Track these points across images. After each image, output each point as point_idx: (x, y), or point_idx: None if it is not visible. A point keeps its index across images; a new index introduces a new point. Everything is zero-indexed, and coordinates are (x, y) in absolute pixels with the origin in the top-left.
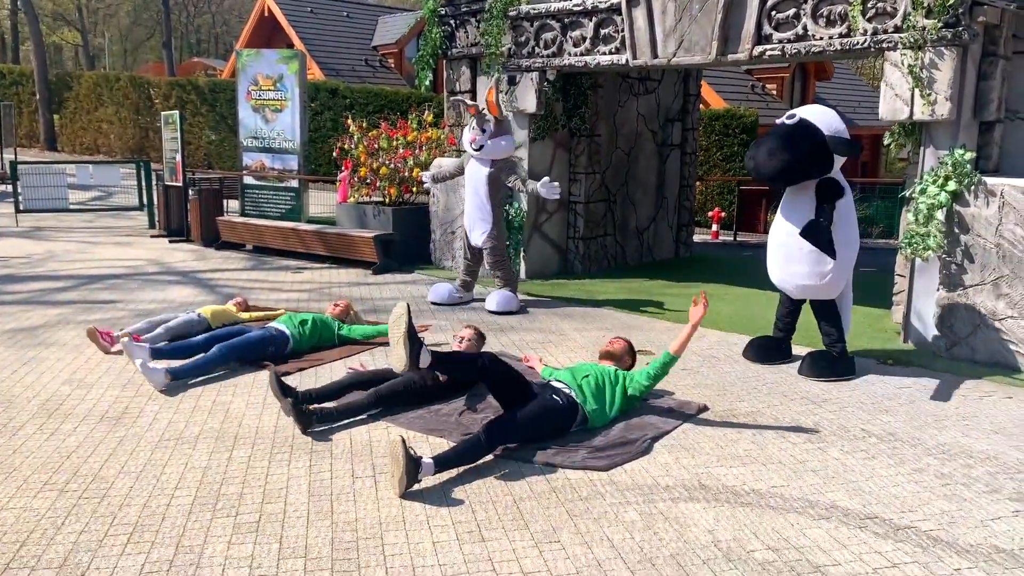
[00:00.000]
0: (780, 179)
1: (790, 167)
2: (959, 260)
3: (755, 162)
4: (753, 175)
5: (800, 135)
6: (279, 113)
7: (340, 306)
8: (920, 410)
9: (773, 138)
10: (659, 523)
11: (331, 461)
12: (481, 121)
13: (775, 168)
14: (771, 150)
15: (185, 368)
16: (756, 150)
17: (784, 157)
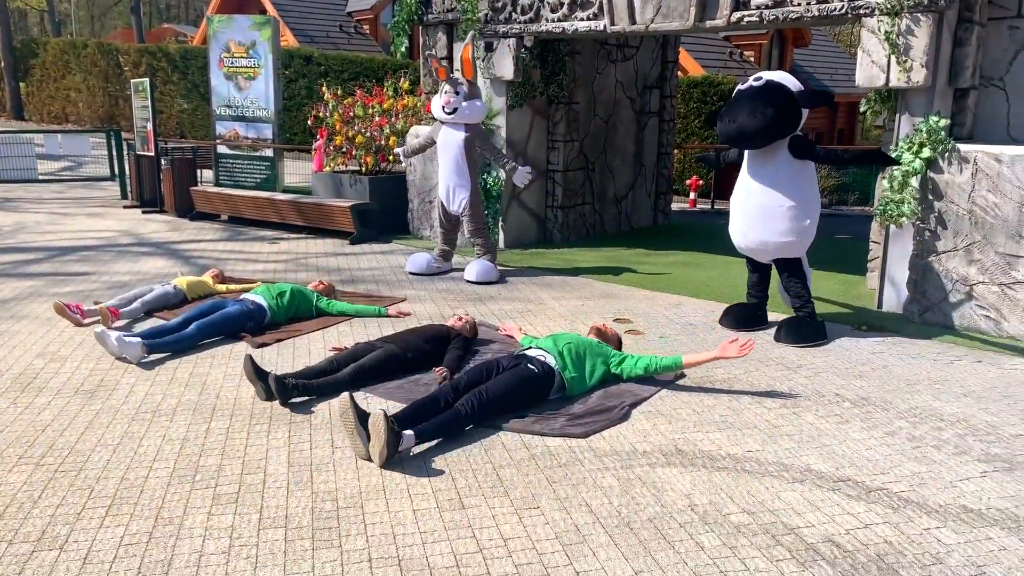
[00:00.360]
0: (763, 136)
1: (774, 123)
2: (932, 227)
3: (736, 124)
4: (733, 137)
5: (772, 92)
6: (252, 81)
7: (325, 285)
8: (893, 375)
9: (748, 99)
10: (637, 488)
11: (310, 432)
12: (454, 83)
13: (759, 126)
14: (752, 109)
15: (162, 342)
16: (733, 113)
17: (769, 112)
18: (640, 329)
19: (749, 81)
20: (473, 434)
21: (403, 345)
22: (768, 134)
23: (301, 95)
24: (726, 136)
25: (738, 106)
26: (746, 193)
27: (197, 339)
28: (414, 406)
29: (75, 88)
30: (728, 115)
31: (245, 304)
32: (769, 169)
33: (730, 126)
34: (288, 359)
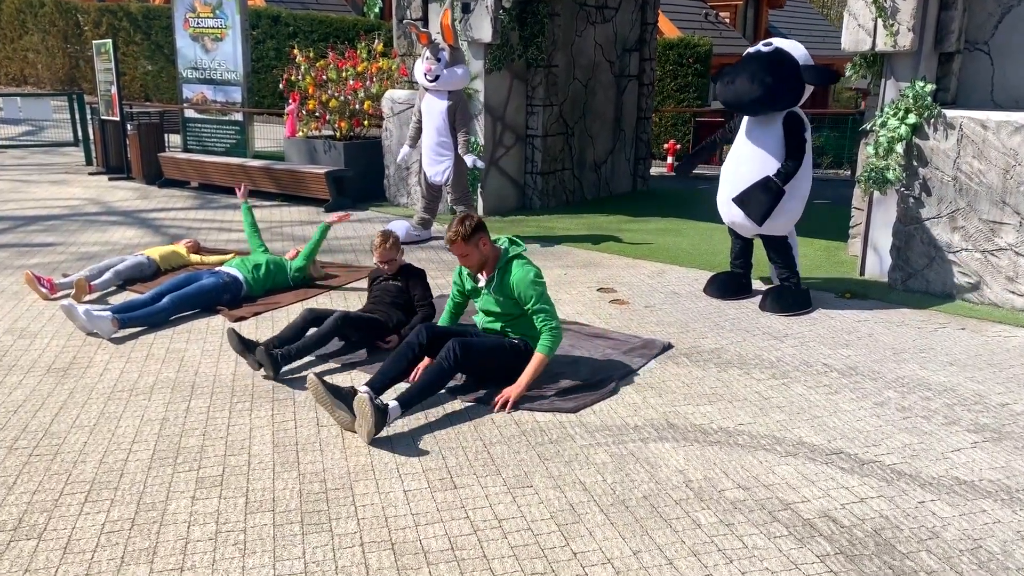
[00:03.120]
0: (760, 104)
1: (773, 91)
2: (917, 193)
3: (733, 89)
4: (730, 101)
5: (778, 61)
6: (219, 42)
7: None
8: (879, 343)
9: (751, 64)
10: (630, 464)
11: (294, 410)
12: (435, 49)
13: (757, 94)
14: (753, 75)
15: (134, 316)
16: (732, 77)
17: (768, 81)
18: (624, 298)
19: (758, 46)
20: (461, 411)
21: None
22: (764, 102)
23: (269, 57)
24: (722, 98)
25: (741, 69)
26: (736, 165)
27: (171, 312)
28: (387, 370)
29: (33, 49)
30: (728, 76)
31: (221, 276)
32: (762, 142)
33: (728, 88)
34: (267, 332)
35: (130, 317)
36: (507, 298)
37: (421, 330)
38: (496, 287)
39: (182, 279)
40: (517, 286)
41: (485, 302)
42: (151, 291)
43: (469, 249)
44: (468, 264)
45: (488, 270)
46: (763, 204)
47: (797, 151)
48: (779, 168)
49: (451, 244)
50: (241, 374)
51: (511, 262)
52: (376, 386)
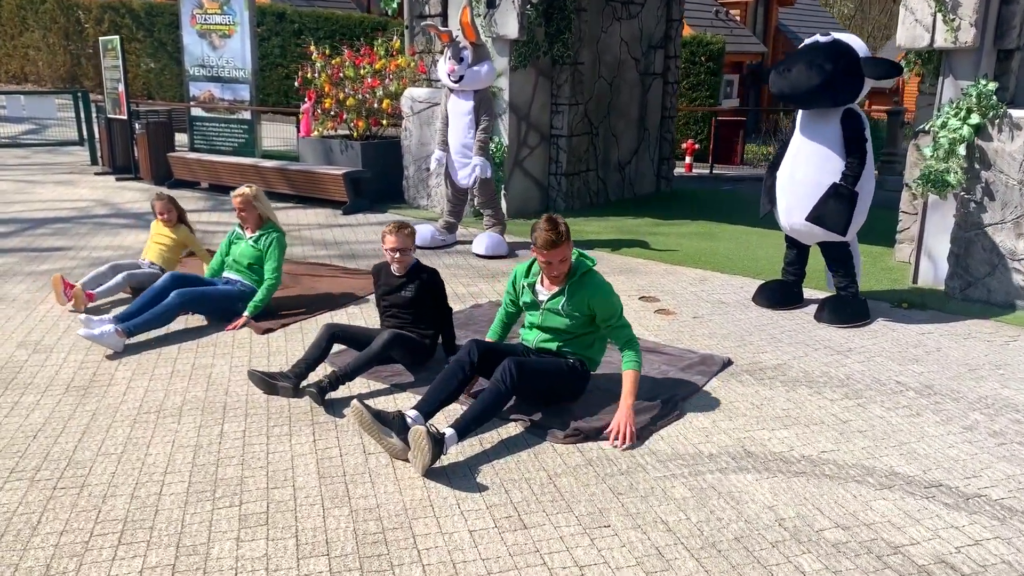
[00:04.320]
0: (818, 95)
1: (831, 81)
2: (978, 197)
3: (788, 79)
4: (785, 92)
5: (838, 52)
6: (227, 39)
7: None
8: (950, 358)
9: (808, 53)
10: (713, 500)
11: (337, 435)
12: (457, 49)
13: (814, 84)
14: (811, 63)
15: (139, 322)
16: (788, 66)
17: (828, 68)
18: (670, 308)
19: (816, 37)
20: (518, 438)
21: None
22: (823, 93)
23: (274, 54)
24: (777, 89)
25: (798, 59)
26: (792, 170)
27: (178, 310)
28: (437, 393)
29: (33, 46)
30: (784, 66)
31: (235, 287)
32: (819, 142)
33: (783, 78)
34: (298, 346)
35: (135, 324)
36: (578, 315)
37: (472, 347)
38: (567, 302)
39: (192, 277)
40: (595, 301)
41: (545, 318)
42: (149, 289)
43: (567, 253)
44: (560, 272)
45: (557, 283)
46: (841, 213)
47: (860, 149)
48: (844, 171)
49: (551, 248)
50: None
51: (585, 276)
52: (425, 410)
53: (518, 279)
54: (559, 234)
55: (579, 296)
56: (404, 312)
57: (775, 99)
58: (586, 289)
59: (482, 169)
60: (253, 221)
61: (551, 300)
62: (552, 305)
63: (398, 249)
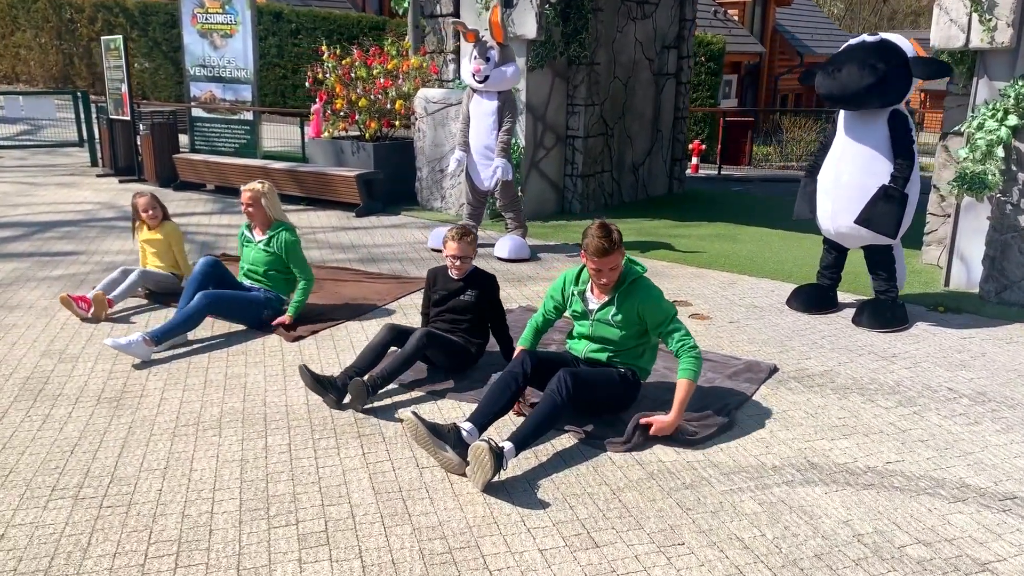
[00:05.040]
0: (871, 95)
1: (883, 81)
2: (1015, 200)
3: (838, 80)
4: (835, 94)
5: (887, 51)
6: (229, 39)
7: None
8: (996, 364)
9: (858, 52)
10: (785, 515)
11: (386, 447)
12: (483, 49)
13: (869, 82)
14: (862, 63)
15: (165, 328)
16: (838, 66)
17: (880, 68)
18: (704, 313)
19: (862, 37)
20: (575, 451)
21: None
22: (875, 93)
23: (271, 54)
24: (826, 90)
25: (846, 59)
26: (837, 173)
27: (205, 312)
28: (491, 405)
29: (25, 46)
30: (832, 66)
31: (262, 294)
32: (865, 143)
33: (833, 79)
34: (331, 354)
35: (162, 330)
36: (628, 324)
37: (526, 358)
38: (618, 311)
39: (216, 278)
40: (645, 307)
41: (596, 328)
42: (182, 300)
43: (619, 261)
44: (609, 280)
45: (606, 291)
46: (891, 215)
47: (908, 150)
48: (893, 172)
49: (603, 255)
50: (315, 404)
51: (634, 283)
52: (479, 423)
53: (567, 286)
54: (612, 241)
55: (628, 304)
56: (459, 317)
57: (823, 100)
58: (635, 296)
59: (504, 171)
60: (261, 220)
61: (601, 310)
62: (602, 315)
63: (459, 257)
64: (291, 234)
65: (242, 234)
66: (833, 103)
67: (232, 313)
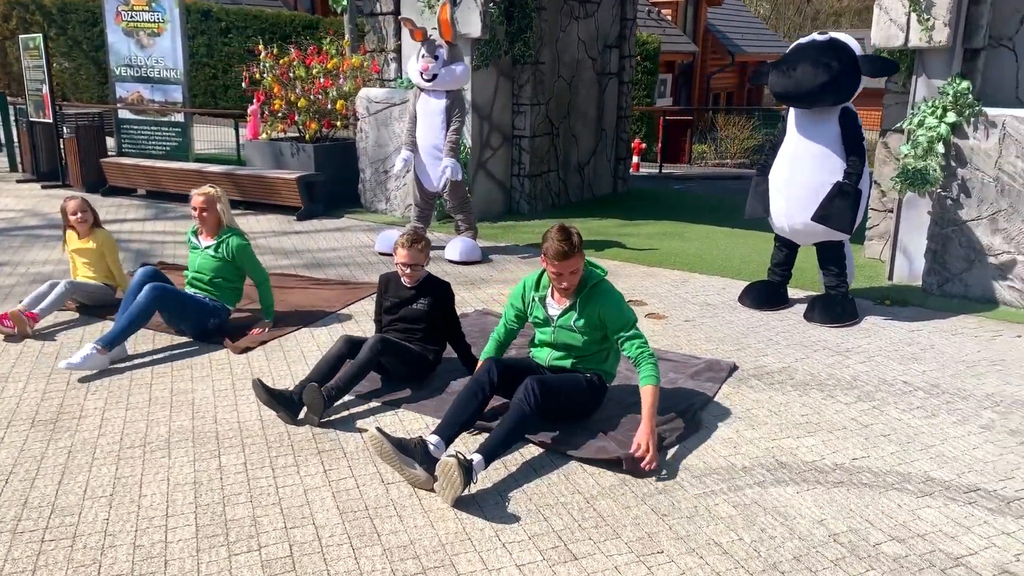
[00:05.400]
0: (825, 92)
1: (836, 79)
2: (955, 195)
3: (793, 78)
4: (789, 92)
5: (838, 50)
6: (157, 37)
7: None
8: (946, 356)
9: (810, 51)
10: (760, 516)
11: (348, 463)
12: (432, 47)
13: (821, 82)
14: (816, 61)
15: (115, 331)
16: (792, 65)
17: (834, 66)
18: (660, 312)
19: (812, 36)
20: (541, 457)
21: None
22: (829, 91)
23: (200, 53)
24: (780, 88)
25: (799, 58)
26: (791, 171)
27: (153, 306)
28: (456, 416)
29: None
30: (787, 65)
31: (205, 300)
32: (817, 141)
33: (788, 78)
34: (281, 366)
35: (112, 335)
36: (591, 329)
37: (492, 366)
38: (580, 316)
39: (161, 276)
40: (608, 312)
41: (558, 335)
42: (125, 299)
43: (579, 264)
44: (570, 284)
45: (567, 295)
46: (846, 211)
47: (860, 147)
48: (846, 169)
49: (563, 259)
50: (270, 420)
51: (596, 287)
52: (446, 435)
53: (527, 292)
54: (572, 244)
55: (590, 309)
56: (413, 326)
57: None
58: (596, 300)
59: (453, 171)
60: (212, 225)
61: (563, 316)
62: (564, 322)
63: (411, 264)
64: (241, 238)
65: (189, 239)
66: (787, 101)
67: (179, 313)
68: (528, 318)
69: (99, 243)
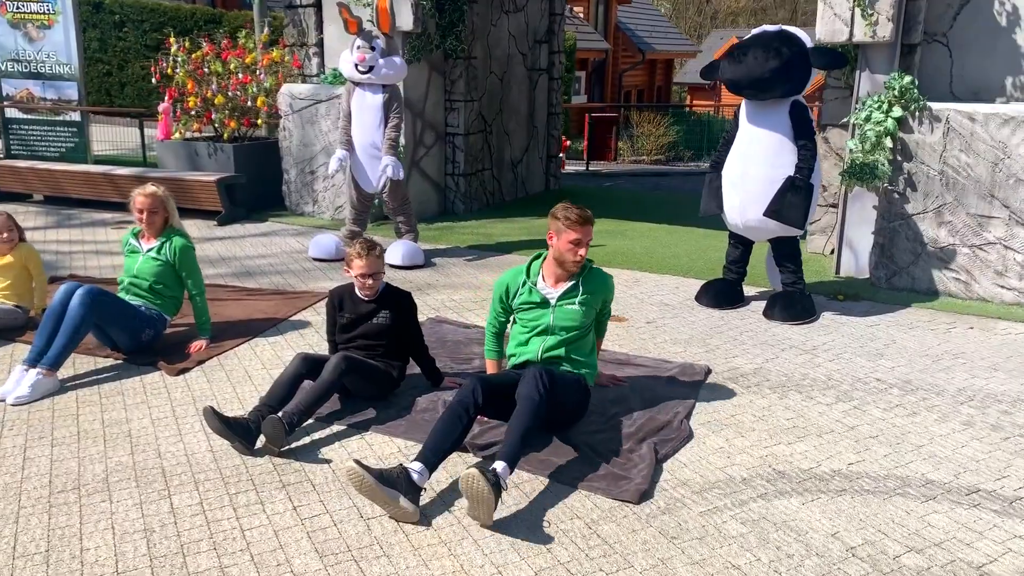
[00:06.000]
0: (774, 81)
1: (788, 66)
2: (901, 188)
3: (744, 65)
4: (740, 80)
5: (789, 38)
6: (47, 30)
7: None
8: (909, 350)
9: (760, 40)
10: (772, 533)
11: (319, 497)
12: (368, 37)
13: (771, 67)
14: (766, 48)
15: (58, 350)
16: (743, 53)
17: (785, 52)
18: (619, 315)
19: (762, 27)
20: (533, 482)
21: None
22: (781, 77)
23: (93, 48)
24: (731, 75)
25: (750, 45)
26: (744, 166)
27: (90, 316)
28: (441, 441)
29: None
30: (738, 53)
31: (140, 309)
32: (769, 134)
33: (737, 65)
34: (225, 387)
35: (56, 355)
36: (590, 308)
37: (476, 386)
38: (584, 292)
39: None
40: (606, 291)
41: (558, 316)
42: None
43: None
44: (585, 254)
45: (575, 270)
46: (798, 207)
47: (811, 140)
48: (797, 163)
49: (589, 223)
50: (221, 450)
51: (594, 269)
52: (430, 462)
53: (512, 283)
54: (589, 217)
55: (592, 287)
56: (374, 342)
57: (729, 87)
58: (597, 281)
59: (395, 169)
60: (159, 227)
61: (566, 296)
62: (567, 299)
63: (371, 274)
64: (186, 239)
65: (127, 242)
66: (739, 90)
67: (112, 321)
68: (513, 311)
69: (21, 259)
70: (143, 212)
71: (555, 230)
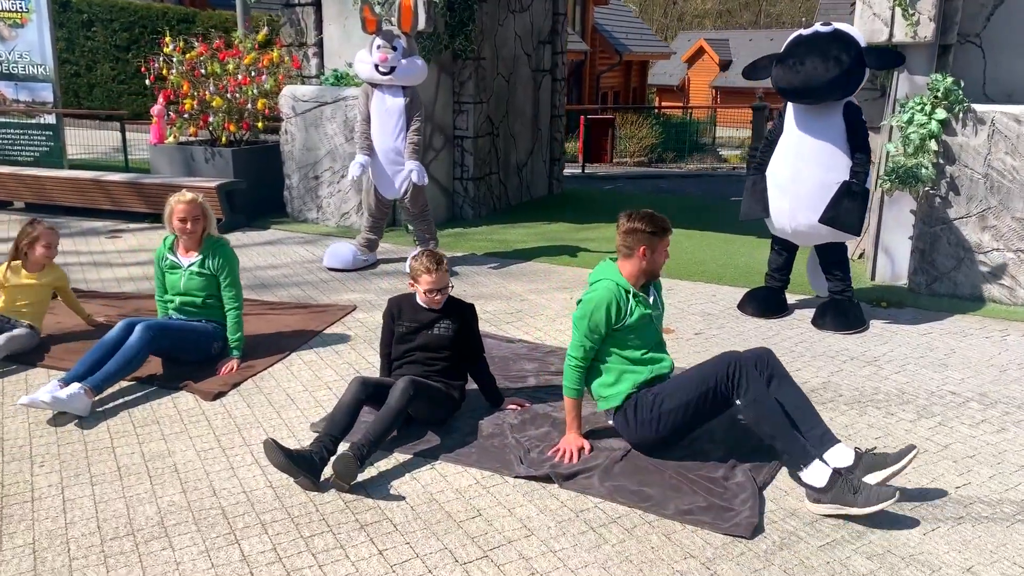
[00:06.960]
0: (835, 88)
1: (848, 73)
2: (943, 192)
3: (802, 73)
4: (798, 87)
5: (846, 42)
6: (20, 29)
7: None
8: (972, 360)
9: (818, 44)
10: (903, 569)
11: (404, 538)
12: (390, 36)
13: (832, 77)
14: (825, 54)
15: (105, 374)
16: (800, 59)
17: (844, 60)
18: (666, 325)
19: (815, 27)
20: (632, 516)
21: (445, 381)
22: (839, 86)
23: (60, 48)
24: (787, 83)
25: (807, 51)
26: (795, 169)
27: (148, 348)
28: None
29: None
30: (793, 59)
31: (205, 326)
32: (822, 137)
33: (795, 72)
34: (268, 412)
35: (102, 377)
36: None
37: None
38: (655, 294)
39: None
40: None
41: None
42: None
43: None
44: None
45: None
46: (855, 212)
47: (866, 143)
48: (853, 167)
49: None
50: (283, 486)
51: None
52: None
53: (614, 300)
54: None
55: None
56: (435, 356)
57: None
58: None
59: (419, 175)
60: (198, 237)
61: (657, 299)
62: (659, 302)
63: (440, 289)
64: (230, 247)
65: (163, 258)
66: (793, 97)
67: (180, 348)
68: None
69: (52, 280)
70: (186, 221)
71: (646, 243)
